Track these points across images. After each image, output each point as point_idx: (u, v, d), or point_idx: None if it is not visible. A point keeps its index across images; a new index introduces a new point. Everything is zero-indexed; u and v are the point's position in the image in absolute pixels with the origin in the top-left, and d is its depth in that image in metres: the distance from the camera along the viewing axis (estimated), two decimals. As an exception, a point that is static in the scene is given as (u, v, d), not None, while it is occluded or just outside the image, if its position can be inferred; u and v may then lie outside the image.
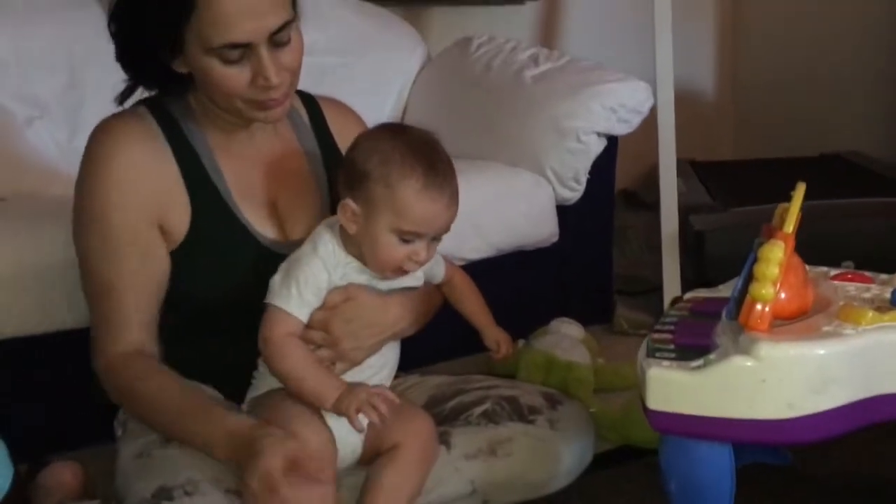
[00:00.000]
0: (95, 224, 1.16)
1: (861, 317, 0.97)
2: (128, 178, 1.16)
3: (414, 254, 1.13)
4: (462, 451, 1.20)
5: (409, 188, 1.09)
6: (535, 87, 1.94)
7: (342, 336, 1.14)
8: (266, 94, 1.14)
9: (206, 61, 1.11)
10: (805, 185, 1.07)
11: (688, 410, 0.96)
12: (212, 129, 1.22)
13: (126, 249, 1.16)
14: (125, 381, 1.15)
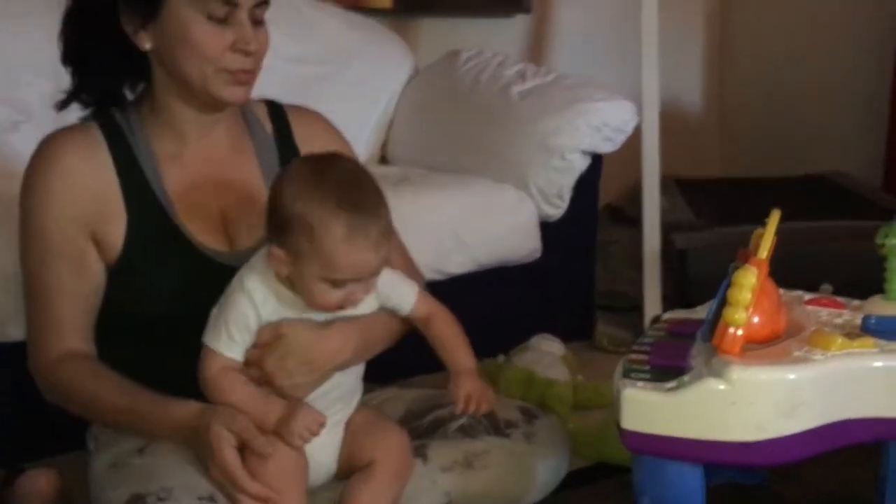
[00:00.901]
0: (33, 233, 1.19)
1: (830, 343, 0.98)
2: (63, 190, 1.17)
3: (350, 295, 1.09)
4: (438, 463, 1.20)
5: (332, 239, 1.04)
6: (522, 104, 1.96)
7: (275, 374, 1.10)
8: (241, 62, 1.15)
9: (191, 15, 1.12)
10: (780, 213, 1.08)
11: (661, 431, 0.97)
12: (163, 137, 1.21)
13: (60, 260, 1.17)
14: (61, 381, 1.17)
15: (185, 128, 1.22)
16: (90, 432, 1.24)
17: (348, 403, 1.19)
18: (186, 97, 1.19)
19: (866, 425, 0.98)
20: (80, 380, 1.16)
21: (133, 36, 1.16)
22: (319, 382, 1.13)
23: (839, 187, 2.71)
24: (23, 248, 1.20)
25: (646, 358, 1.08)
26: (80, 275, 1.18)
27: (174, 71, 1.16)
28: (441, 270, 1.77)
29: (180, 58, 1.15)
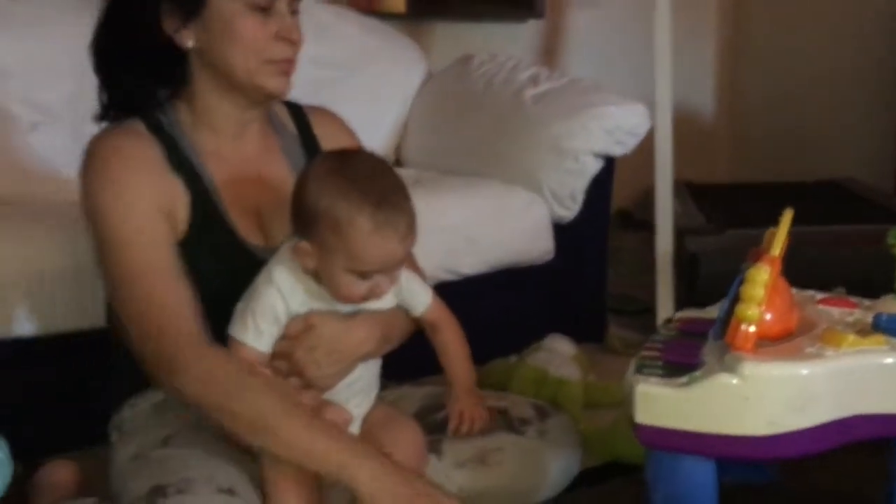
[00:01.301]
0: (122, 230, 1.14)
1: (842, 340, 0.99)
2: (135, 179, 1.16)
3: (376, 287, 1.11)
4: (452, 459, 1.22)
5: (359, 231, 1.06)
6: (535, 107, 1.98)
7: (305, 365, 1.13)
8: (284, 52, 1.18)
9: (234, 7, 1.15)
10: (793, 211, 1.10)
11: (673, 425, 0.98)
12: (203, 135, 1.23)
13: (162, 245, 1.15)
14: (212, 370, 1.08)
15: (224, 126, 1.24)
16: (112, 423, 1.26)
17: (367, 396, 1.21)
18: (228, 94, 1.21)
19: (877, 421, 0.99)
20: (233, 372, 1.09)
21: (175, 35, 1.18)
22: (345, 373, 1.16)
23: (850, 192, 2.71)
24: (112, 249, 1.15)
25: (658, 355, 1.09)
26: (175, 256, 1.16)
27: (219, 66, 1.18)
28: (454, 271, 1.78)
29: (226, 51, 1.17)
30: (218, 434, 1.14)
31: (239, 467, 1.11)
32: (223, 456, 1.11)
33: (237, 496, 1.06)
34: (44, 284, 1.44)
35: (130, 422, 1.22)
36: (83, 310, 1.46)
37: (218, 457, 1.11)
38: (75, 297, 1.45)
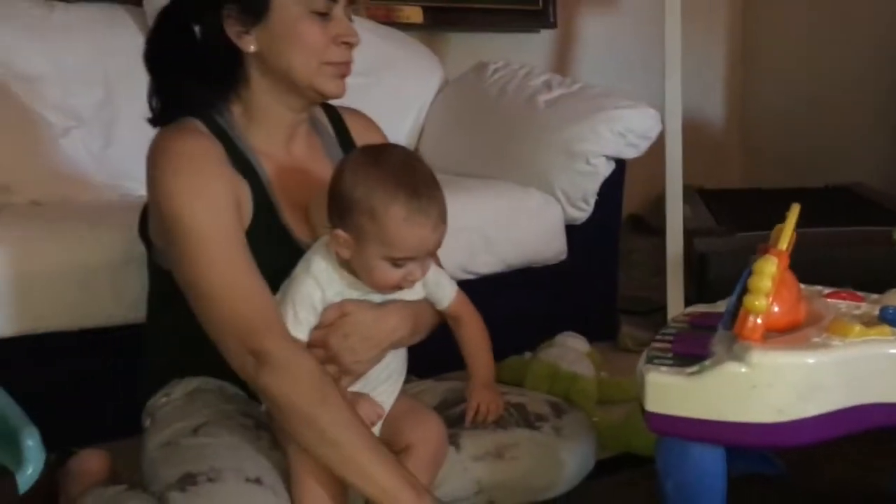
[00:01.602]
0: (203, 233, 1.14)
1: (849, 330, 1.01)
2: (207, 182, 1.17)
3: (409, 274, 1.15)
4: (470, 452, 1.25)
5: (393, 219, 1.10)
6: (548, 112, 2.01)
7: (341, 352, 1.16)
8: (343, 55, 1.23)
9: (296, 12, 1.19)
10: (799, 206, 1.13)
11: (683, 413, 1.01)
12: (256, 135, 1.27)
13: (240, 245, 1.16)
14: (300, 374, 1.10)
15: (276, 128, 1.28)
16: (145, 410, 1.29)
17: (396, 383, 1.25)
18: (283, 97, 1.25)
19: (883, 410, 1.01)
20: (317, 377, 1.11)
21: (237, 40, 1.22)
22: (377, 360, 1.20)
23: (860, 197, 2.72)
24: (192, 246, 1.15)
25: (668, 347, 1.11)
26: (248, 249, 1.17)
27: (279, 68, 1.22)
28: (471, 270, 1.82)
29: (287, 54, 1.21)
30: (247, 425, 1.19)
31: (267, 458, 1.14)
32: (252, 447, 1.15)
33: (264, 486, 1.10)
34: (78, 281, 1.48)
35: (163, 410, 1.25)
36: (117, 305, 1.51)
37: (247, 448, 1.15)
38: (109, 294, 1.50)
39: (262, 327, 1.11)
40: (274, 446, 1.16)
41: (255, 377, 1.10)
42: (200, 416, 1.20)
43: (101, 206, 1.71)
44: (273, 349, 1.09)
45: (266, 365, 1.09)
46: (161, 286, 1.30)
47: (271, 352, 1.09)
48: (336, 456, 1.08)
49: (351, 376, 1.19)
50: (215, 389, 1.26)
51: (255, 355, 1.09)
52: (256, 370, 1.09)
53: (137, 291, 1.48)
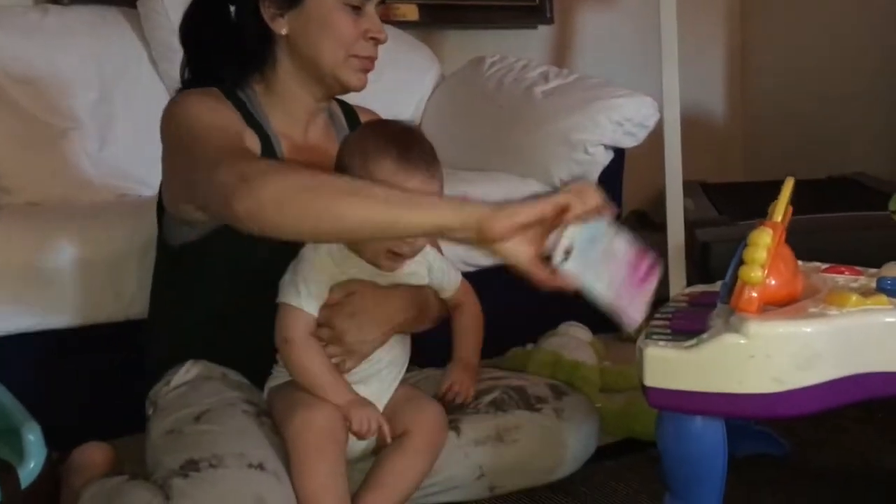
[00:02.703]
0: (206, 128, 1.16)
1: (846, 300, 1.01)
2: (218, 106, 1.23)
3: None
4: (471, 436, 1.25)
5: (384, 168, 1.11)
6: (545, 102, 2.02)
7: (346, 330, 1.17)
8: (369, 50, 1.26)
9: (331, 2, 1.23)
10: (793, 179, 1.13)
11: (682, 386, 1.01)
12: (277, 116, 1.29)
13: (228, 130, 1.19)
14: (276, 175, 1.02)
15: (296, 112, 1.31)
16: (148, 399, 1.30)
17: (399, 367, 1.25)
18: (307, 83, 1.29)
19: (881, 379, 1.00)
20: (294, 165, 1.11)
21: (271, 21, 1.25)
22: (381, 341, 1.21)
23: (861, 185, 2.72)
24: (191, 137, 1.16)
25: (667, 324, 1.12)
26: None
27: (307, 55, 1.26)
28: (472, 263, 1.81)
29: (317, 41, 1.25)
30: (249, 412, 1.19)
31: (270, 444, 1.14)
32: (254, 433, 1.15)
33: (267, 472, 1.10)
34: (78, 279, 1.49)
35: (165, 397, 1.26)
36: (117, 302, 1.52)
37: (250, 434, 1.15)
38: (109, 291, 1.51)
39: (242, 154, 1.11)
40: (276, 432, 1.17)
41: (249, 195, 0.99)
42: (203, 403, 1.21)
43: (99, 207, 1.72)
44: (258, 164, 1.07)
45: (254, 177, 1.00)
46: (167, 270, 1.32)
47: (257, 166, 1.05)
48: (368, 201, 0.98)
49: (355, 357, 1.20)
50: (218, 376, 1.27)
51: (242, 175, 1.01)
52: (248, 187, 0.99)
53: (136, 288, 1.50)
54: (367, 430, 1.15)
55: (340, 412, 1.15)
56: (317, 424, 1.12)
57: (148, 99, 1.97)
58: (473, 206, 0.98)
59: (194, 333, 1.27)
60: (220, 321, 1.27)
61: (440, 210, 0.99)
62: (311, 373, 1.16)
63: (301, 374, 1.16)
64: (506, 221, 0.96)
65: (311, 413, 1.13)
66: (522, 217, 0.97)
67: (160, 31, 1.99)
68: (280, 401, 1.20)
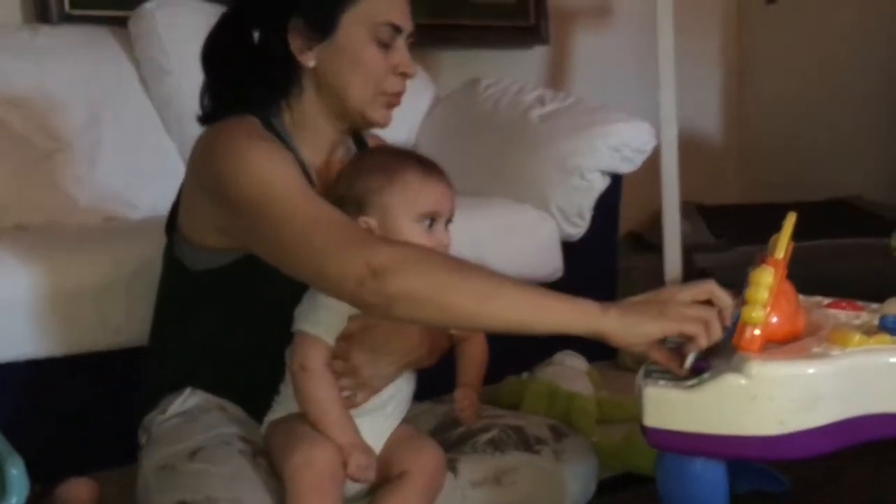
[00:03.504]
0: (275, 189, 1.10)
1: (849, 339, 0.99)
2: (280, 155, 1.16)
3: (439, 237, 1.17)
4: (468, 478, 1.22)
5: (411, 177, 1.16)
6: (541, 126, 2.00)
7: (361, 364, 1.15)
8: (398, 85, 1.24)
9: (363, 38, 1.20)
10: (795, 215, 1.11)
11: (683, 427, 0.98)
12: (305, 146, 1.26)
13: (309, 189, 1.14)
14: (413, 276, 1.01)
15: (323, 143, 1.28)
16: (142, 426, 1.26)
17: (404, 403, 1.23)
18: (333, 116, 1.26)
19: (885, 420, 0.98)
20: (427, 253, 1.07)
21: (299, 54, 1.22)
22: (395, 376, 1.19)
23: (858, 209, 2.72)
24: (272, 205, 1.09)
25: (667, 360, 1.10)
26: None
27: (334, 89, 1.23)
28: (465, 289, 1.80)
29: (346, 76, 1.22)
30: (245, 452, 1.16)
31: (265, 488, 1.11)
32: (250, 476, 1.12)
33: None
34: (63, 307, 1.46)
35: (160, 427, 1.22)
36: (103, 330, 1.49)
37: (245, 476, 1.12)
38: (94, 319, 1.48)
39: (366, 241, 1.06)
40: (272, 474, 1.13)
41: (381, 288, 1.00)
42: (198, 438, 1.17)
43: (86, 230, 1.69)
44: (388, 252, 1.02)
45: (388, 269, 1.00)
46: (179, 293, 1.29)
47: (387, 255, 1.02)
48: (503, 304, 1.01)
49: (367, 391, 1.17)
50: (215, 408, 1.24)
51: (372, 267, 1.00)
52: (380, 280, 1.00)
53: (123, 316, 1.47)
54: (360, 478, 1.12)
55: (340, 452, 1.12)
56: (318, 463, 1.09)
57: (137, 120, 1.96)
58: (600, 316, 1.02)
59: (197, 361, 1.24)
60: (226, 350, 1.24)
61: (568, 317, 1.03)
62: (321, 405, 1.13)
63: (311, 404, 1.14)
64: (631, 344, 1.02)
65: (312, 451, 1.10)
66: (641, 347, 1.02)
67: (151, 51, 1.97)
68: (280, 435, 1.17)
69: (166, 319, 1.32)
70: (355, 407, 1.17)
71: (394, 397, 1.21)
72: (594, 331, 1.01)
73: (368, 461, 1.13)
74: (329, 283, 1.05)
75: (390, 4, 1.22)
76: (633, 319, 1.01)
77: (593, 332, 1.01)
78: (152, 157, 1.97)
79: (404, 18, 1.23)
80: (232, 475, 1.11)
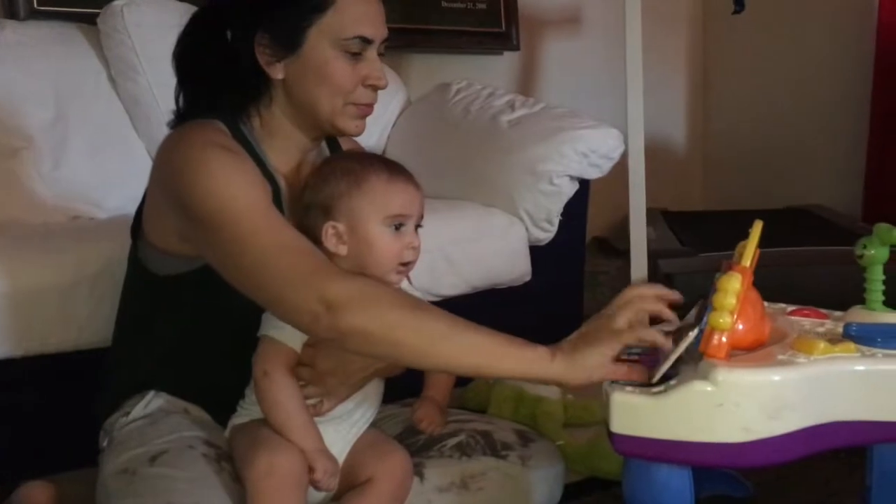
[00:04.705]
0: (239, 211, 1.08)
1: (814, 347, 1.00)
2: (244, 167, 1.14)
3: (408, 240, 1.16)
4: (435, 483, 1.22)
5: (378, 180, 1.15)
6: (511, 132, 2.00)
7: (328, 372, 1.14)
8: (369, 97, 1.22)
9: (331, 53, 1.18)
10: (762, 223, 1.12)
11: (649, 434, 0.99)
12: (273, 153, 1.24)
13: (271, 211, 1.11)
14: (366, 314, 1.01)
15: (293, 150, 1.26)
16: (103, 429, 1.24)
17: (372, 409, 1.22)
18: (302, 125, 1.24)
19: (850, 428, 1.00)
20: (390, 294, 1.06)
21: (267, 67, 1.20)
22: (363, 384, 1.18)
23: (820, 219, 2.76)
24: (233, 226, 1.07)
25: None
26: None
27: (303, 100, 1.21)
28: (435, 293, 1.79)
29: (314, 89, 1.20)
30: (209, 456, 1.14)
31: (228, 493, 1.09)
32: (212, 481, 1.10)
33: None
34: (25, 306, 1.43)
35: (122, 430, 1.20)
36: (66, 330, 1.45)
37: (207, 482, 1.10)
38: (57, 319, 1.45)
39: (322, 274, 1.04)
40: (236, 479, 1.12)
41: (334, 324, 1.01)
42: (160, 442, 1.15)
43: (51, 229, 1.66)
44: (343, 288, 1.02)
45: (342, 305, 1.01)
46: (144, 296, 1.27)
47: (342, 291, 1.02)
48: (455, 349, 1.02)
49: (333, 400, 1.16)
50: (179, 411, 1.22)
51: (326, 302, 1.01)
52: (334, 316, 1.00)
53: (86, 317, 1.44)
54: (325, 485, 1.11)
55: (305, 458, 1.10)
56: (281, 469, 1.07)
57: (105, 119, 1.92)
58: (550, 362, 1.05)
59: (161, 363, 1.22)
60: (190, 353, 1.22)
61: (519, 365, 1.04)
62: (285, 411, 1.11)
63: (274, 410, 1.12)
64: (583, 380, 1.05)
65: (275, 456, 1.08)
66: (597, 378, 1.04)
67: (120, 49, 1.94)
68: (243, 439, 1.15)
69: (130, 321, 1.30)
70: (321, 415, 1.16)
71: (360, 405, 1.20)
72: (545, 378, 1.05)
73: (335, 467, 1.12)
74: (284, 312, 1.06)
75: (358, 16, 1.19)
76: (578, 354, 1.05)
77: (544, 379, 1.05)
78: (120, 157, 1.94)
79: (374, 28, 1.20)
80: (194, 480, 1.09)
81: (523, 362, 1.05)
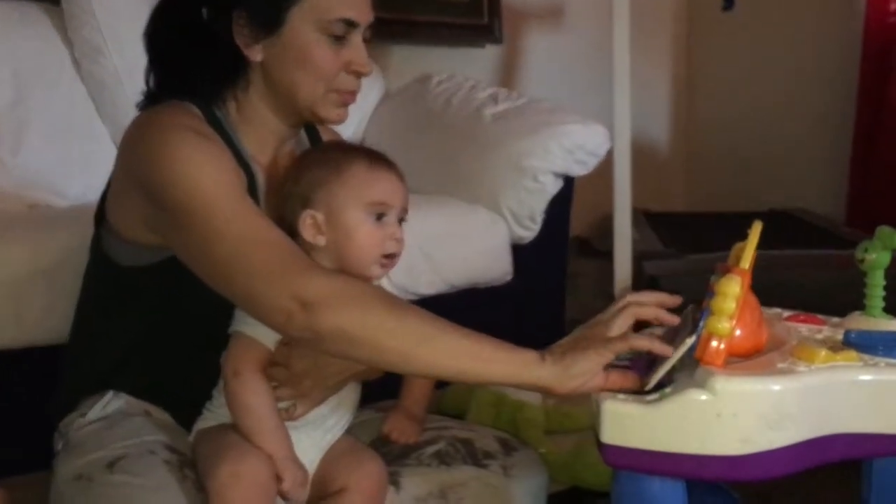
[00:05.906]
0: (211, 200, 1.03)
1: (815, 355, 0.96)
2: (216, 151, 1.08)
3: (391, 231, 1.11)
4: (411, 493, 1.16)
5: (359, 167, 1.10)
6: (494, 126, 1.96)
7: (303, 374, 1.09)
8: (351, 84, 1.16)
9: (313, 36, 1.12)
10: (762, 224, 1.07)
11: (642, 445, 0.94)
12: (249, 138, 1.19)
13: (244, 200, 1.05)
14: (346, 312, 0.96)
15: (270, 138, 1.20)
16: (58, 430, 1.18)
17: (348, 413, 1.17)
18: (281, 111, 1.18)
19: (852, 441, 0.95)
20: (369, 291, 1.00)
21: (245, 48, 1.14)
22: (339, 387, 1.13)
23: (802, 222, 2.77)
24: (203, 215, 1.02)
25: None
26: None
27: (283, 85, 1.15)
28: (413, 291, 1.74)
29: (294, 74, 1.13)
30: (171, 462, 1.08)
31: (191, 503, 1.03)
32: (174, 490, 1.04)
33: None
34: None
35: (78, 432, 1.14)
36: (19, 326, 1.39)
37: (169, 490, 1.04)
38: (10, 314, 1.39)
39: (298, 269, 0.99)
40: (200, 488, 1.05)
41: (309, 323, 0.96)
42: (119, 447, 1.09)
43: (6, 218, 1.59)
44: (320, 285, 0.97)
45: (319, 303, 0.96)
46: (105, 288, 1.20)
47: (319, 288, 0.97)
48: (439, 351, 0.97)
49: (307, 403, 1.11)
50: (140, 414, 1.16)
51: (301, 299, 0.96)
52: (309, 314, 0.95)
53: (43, 311, 1.38)
54: (294, 496, 1.05)
55: (273, 466, 1.04)
56: (246, 478, 1.01)
57: (68, 103, 1.86)
58: (538, 367, 0.99)
59: (122, 361, 1.16)
60: (154, 351, 1.16)
61: (506, 369, 0.99)
62: (254, 414, 1.05)
63: (243, 412, 1.06)
64: (573, 388, 0.99)
65: (241, 463, 1.02)
66: (587, 388, 0.99)
67: (85, 30, 1.87)
68: (208, 444, 1.08)
69: (90, 316, 1.23)
70: (293, 420, 1.10)
71: (336, 410, 1.15)
72: (532, 383, 0.99)
73: (305, 476, 1.07)
74: (255, 309, 1.00)
75: (343, 1, 1.14)
76: (567, 360, 0.99)
77: (532, 385, 0.99)
78: (83, 143, 1.88)
79: (359, 11, 1.15)
80: (155, 488, 1.03)
81: (511, 367, 0.99)
